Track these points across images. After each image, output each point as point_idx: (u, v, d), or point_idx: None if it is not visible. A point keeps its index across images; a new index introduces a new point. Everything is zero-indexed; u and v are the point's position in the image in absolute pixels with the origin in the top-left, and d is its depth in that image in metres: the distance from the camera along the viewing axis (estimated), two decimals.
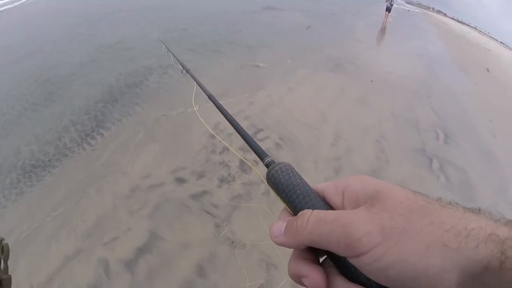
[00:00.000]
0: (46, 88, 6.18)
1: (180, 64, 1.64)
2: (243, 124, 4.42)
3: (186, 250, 3.01)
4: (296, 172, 0.46)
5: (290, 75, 6.28)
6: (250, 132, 4.30)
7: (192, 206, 3.39)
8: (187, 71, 1.49)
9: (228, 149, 3.99)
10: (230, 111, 2.61)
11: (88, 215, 3.46)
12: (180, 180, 3.69)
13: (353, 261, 0.35)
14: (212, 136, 4.23)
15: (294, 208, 0.43)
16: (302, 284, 0.39)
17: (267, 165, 0.50)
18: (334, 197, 0.41)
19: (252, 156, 0.60)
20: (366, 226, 0.34)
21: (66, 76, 6.51)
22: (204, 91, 1.07)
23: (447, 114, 6.21)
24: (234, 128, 0.69)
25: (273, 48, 7.86)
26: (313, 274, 0.38)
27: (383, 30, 11.74)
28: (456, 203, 0.36)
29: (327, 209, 0.40)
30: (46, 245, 3.26)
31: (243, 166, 3.88)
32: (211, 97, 0.97)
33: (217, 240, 3.07)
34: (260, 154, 0.55)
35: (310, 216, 0.38)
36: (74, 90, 5.95)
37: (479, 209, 0.35)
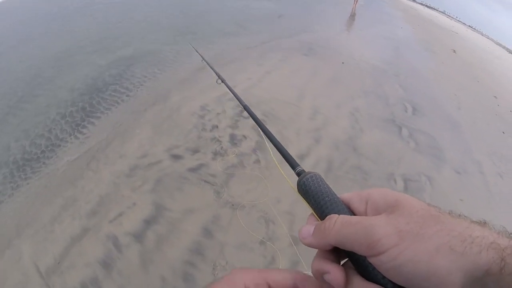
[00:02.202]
0: (28, 85, 6.04)
1: (216, 74, 1.68)
2: (228, 105, 4.60)
3: (191, 216, 3.11)
4: (324, 181, 0.50)
5: (267, 60, 6.41)
6: (235, 111, 4.46)
7: (191, 178, 3.49)
8: (222, 81, 1.56)
9: (217, 126, 4.16)
10: (215, 93, 2.82)
11: (91, 196, 3.45)
12: (176, 157, 3.76)
13: (372, 260, 0.39)
14: (201, 116, 4.37)
15: (322, 213, 0.46)
16: (322, 280, 0.43)
17: (298, 174, 0.54)
18: (358, 205, 0.46)
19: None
20: (386, 229, 0.38)
21: (47, 71, 6.38)
22: (239, 101, 1.08)
23: (414, 90, 6.57)
24: (268, 138, 0.72)
25: (248, 35, 7.95)
26: (334, 271, 0.41)
27: (352, 16, 11.95)
28: (465, 215, 0.40)
29: (351, 215, 0.45)
30: (50, 230, 3.24)
31: (233, 140, 4.02)
32: (246, 108, 1.01)
33: (218, 204, 3.20)
34: (292, 163, 0.59)
35: (337, 219, 0.42)
36: (57, 84, 5.85)
37: (485, 222, 0.39)
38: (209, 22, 8.90)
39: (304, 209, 0.50)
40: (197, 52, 2.78)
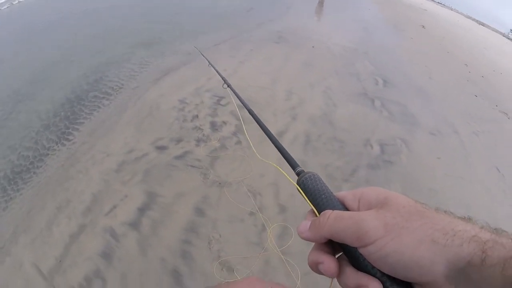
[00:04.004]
0: (7, 104, 6.06)
1: (222, 78, 1.73)
2: (206, 96, 4.76)
3: (182, 199, 3.27)
4: (322, 181, 0.54)
5: (239, 52, 6.56)
6: (213, 101, 4.63)
7: (177, 165, 3.63)
8: (228, 86, 1.58)
9: (197, 116, 4.34)
10: (192, 87, 3.07)
11: (84, 196, 3.55)
12: (162, 148, 3.90)
13: (361, 251, 0.42)
14: (181, 109, 4.53)
15: (319, 209, 0.50)
16: (318, 271, 0.46)
17: (297, 174, 0.58)
18: (351, 203, 0.49)
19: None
20: (374, 222, 0.41)
21: (24, 88, 6.41)
22: (244, 106, 1.10)
23: (384, 65, 6.80)
24: (271, 140, 0.74)
25: (219, 31, 8.07)
26: (328, 261, 0.45)
27: (321, 3, 11.95)
28: (451, 212, 0.42)
29: (345, 211, 0.48)
30: (48, 232, 3.33)
31: (214, 127, 4.19)
32: (250, 112, 1.03)
33: (206, 185, 3.36)
34: (293, 164, 0.62)
35: (331, 214, 0.46)
36: (37, 99, 5.91)
37: (470, 218, 0.41)
38: (178, 24, 8.94)
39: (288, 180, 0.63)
40: (204, 56, 2.87)
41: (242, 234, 2.97)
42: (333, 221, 0.44)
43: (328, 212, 0.46)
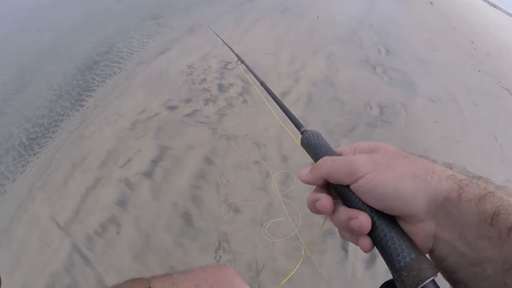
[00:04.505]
0: (20, 78, 6.28)
1: (235, 55, 1.81)
2: (213, 61, 4.97)
3: (192, 150, 3.52)
4: (323, 137, 0.60)
5: (244, 21, 6.73)
6: (220, 65, 4.85)
7: (187, 122, 3.88)
8: (242, 62, 1.64)
9: (205, 79, 4.59)
10: (199, 54, 3.32)
11: (99, 152, 3.79)
12: (172, 107, 4.14)
13: (352, 187, 0.46)
14: (189, 73, 4.76)
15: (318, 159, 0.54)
16: (315, 209, 0.50)
17: (302, 133, 0.64)
18: (347, 154, 0.53)
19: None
20: (363, 160, 0.46)
21: (34, 64, 6.64)
22: (257, 79, 1.15)
23: (388, 36, 6.91)
24: (279, 106, 0.83)
25: (221, 2, 8.22)
26: (324, 198, 0.49)
27: None
28: (434, 159, 0.46)
29: None
30: (64, 187, 3.55)
31: (221, 88, 4.43)
32: (263, 84, 1.09)
33: (214, 138, 3.62)
34: (297, 124, 0.68)
35: (327, 159, 0.51)
36: (48, 73, 6.13)
37: (449, 164, 0.45)
38: None
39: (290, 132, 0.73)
40: (218, 36, 3.03)
41: (248, 180, 3.22)
42: (329, 164, 0.49)
43: (325, 158, 0.52)
